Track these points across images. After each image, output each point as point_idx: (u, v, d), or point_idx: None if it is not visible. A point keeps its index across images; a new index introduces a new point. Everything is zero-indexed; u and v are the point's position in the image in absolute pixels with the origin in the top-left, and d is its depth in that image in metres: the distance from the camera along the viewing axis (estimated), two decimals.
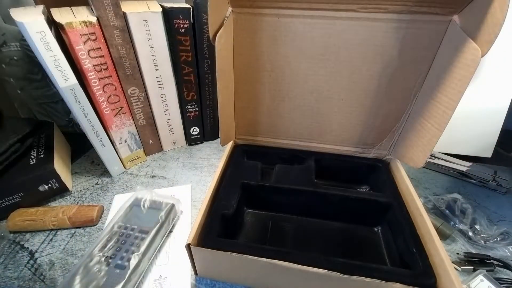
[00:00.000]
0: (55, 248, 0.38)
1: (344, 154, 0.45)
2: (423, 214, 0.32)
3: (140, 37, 0.44)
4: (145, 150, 0.55)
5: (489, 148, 0.55)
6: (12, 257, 0.36)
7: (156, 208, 0.39)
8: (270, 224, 0.40)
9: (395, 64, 0.36)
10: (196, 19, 0.46)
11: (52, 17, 0.37)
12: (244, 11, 0.36)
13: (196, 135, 0.59)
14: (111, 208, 0.44)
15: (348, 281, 0.27)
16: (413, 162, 0.38)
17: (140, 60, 0.46)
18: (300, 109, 0.42)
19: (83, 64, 0.40)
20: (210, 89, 0.55)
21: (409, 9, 0.32)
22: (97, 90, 0.43)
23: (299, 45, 0.37)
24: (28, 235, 0.39)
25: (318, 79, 0.39)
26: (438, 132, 0.33)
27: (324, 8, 0.33)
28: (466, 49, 0.28)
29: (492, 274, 0.35)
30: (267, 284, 0.32)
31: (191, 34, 0.47)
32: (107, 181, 0.49)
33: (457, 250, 0.38)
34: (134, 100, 0.49)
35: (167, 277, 0.34)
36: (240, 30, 0.37)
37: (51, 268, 0.36)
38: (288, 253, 0.29)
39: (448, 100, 0.31)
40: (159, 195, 0.41)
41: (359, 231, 0.39)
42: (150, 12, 0.43)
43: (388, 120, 0.40)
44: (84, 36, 0.39)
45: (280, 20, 0.35)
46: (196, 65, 0.51)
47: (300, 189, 0.38)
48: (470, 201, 0.45)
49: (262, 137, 0.47)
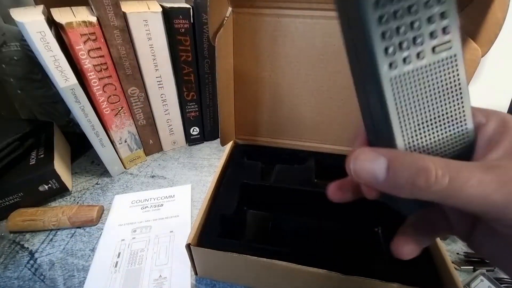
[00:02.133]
0: (55, 248, 0.38)
1: (345, 154, 0.44)
2: None
3: (140, 37, 0.44)
4: (145, 150, 0.55)
5: None
6: (12, 257, 0.36)
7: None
8: (270, 224, 0.39)
9: None
10: (196, 19, 0.46)
11: (52, 17, 0.37)
12: (244, 11, 0.36)
13: (196, 135, 0.59)
14: (111, 208, 0.44)
15: (348, 281, 0.27)
16: None
17: (140, 60, 0.46)
18: (300, 109, 0.42)
19: (83, 64, 0.40)
20: (210, 89, 0.55)
21: None
22: (97, 90, 0.43)
23: (299, 45, 0.37)
24: (28, 235, 0.39)
25: (318, 79, 0.39)
26: None
27: (324, 8, 0.33)
28: (466, 49, 0.28)
29: (492, 274, 0.35)
30: (267, 284, 0.32)
31: (191, 34, 0.47)
32: (107, 181, 0.49)
33: (457, 250, 0.38)
34: (134, 100, 0.49)
35: (167, 277, 0.34)
36: (240, 30, 0.37)
37: (51, 268, 0.36)
38: (288, 253, 0.29)
39: None
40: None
41: (359, 231, 0.39)
42: (150, 12, 0.43)
43: None
44: (84, 36, 0.39)
45: (280, 20, 0.35)
46: (196, 65, 0.51)
47: (300, 189, 0.38)
48: None
49: (262, 137, 0.47)
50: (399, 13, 0.14)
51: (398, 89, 0.14)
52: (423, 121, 0.15)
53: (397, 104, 0.15)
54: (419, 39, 0.14)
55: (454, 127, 0.16)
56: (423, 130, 0.16)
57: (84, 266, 0.36)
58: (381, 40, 0.14)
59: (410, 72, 0.14)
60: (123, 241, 0.39)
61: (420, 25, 0.14)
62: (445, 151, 0.16)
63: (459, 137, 0.16)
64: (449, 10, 0.14)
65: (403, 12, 0.14)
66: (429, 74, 0.15)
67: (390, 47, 0.14)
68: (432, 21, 0.14)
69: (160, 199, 0.45)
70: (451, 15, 0.14)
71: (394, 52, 0.14)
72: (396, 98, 0.15)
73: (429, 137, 0.16)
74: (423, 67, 0.15)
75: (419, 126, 0.15)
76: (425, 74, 0.15)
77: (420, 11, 0.14)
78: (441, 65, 0.15)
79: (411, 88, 0.15)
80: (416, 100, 0.15)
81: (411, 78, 0.15)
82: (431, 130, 0.16)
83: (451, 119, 0.16)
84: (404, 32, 0.14)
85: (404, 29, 0.14)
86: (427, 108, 0.15)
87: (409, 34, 0.14)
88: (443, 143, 0.16)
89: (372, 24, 0.14)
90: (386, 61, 0.14)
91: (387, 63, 0.14)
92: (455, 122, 0.16)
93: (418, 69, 0.15)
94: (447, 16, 0.14)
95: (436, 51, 0.15)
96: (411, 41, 0.14)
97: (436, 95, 0.15)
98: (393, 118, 0.15)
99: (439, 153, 0.16)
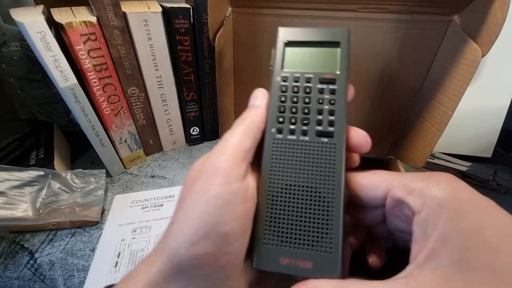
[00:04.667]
0: (55, 248, 0.38)
1: None
2: None
3: (140, 37, 0.44)
4: (145, 150, 0.55)
5: (489, 148, 0.55)
6: (12, 257, 0.36)
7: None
8: None
9: (395, 64, 0.36)
10: (196, 19, 0.46)
11: (52, 17, 0.37)
12: (244, 11, 0.36)
13: (196, 135, 0.59)
14: (111, 208, 0.44)
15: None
16: (413, 162, 0.38)
17: (140, 60, 0.46)
18: None
19: (83, 64, 0.40)
20: (210, 89, 0.55)
21: (409, 9, 0.31)
22: (97, 90, 0.43)
23: None
24: (28, 235, 0.39)
25: None
26: (438, 132, 0.33)
27: (324, 8, 0.33)
28: (467, 49, 0.28)
29: None
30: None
31: (191, 34, 0.47)
32: (107, 181, 0.49)
33: None
34: (134, 100, 0.49)
35: None
36: (240, 30, 0.37)
37: (51, 268, 0.36)
38: None
39: (448, 100, 0.31)
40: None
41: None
42: (150, 12, 0.43)
43: (388, 120, 0.40)
44: (84, 36, 0.39)
45: (280, 20, 0.35)
46: (196, 65, 0.51)
47: None
48: None
49: None
50: (296, 99, 0.20)
51: (278, 149, 0.19)
52: (292, 184, 0.18)
53: (273, 158, 0.19)
54: (306, 121, 0.19)
55: (319, 204, 0.18)
56: (288, 195, 0.18)
57: (84, 266, 0.36)
58: (278, 111, 0.20)
59: (292, 141, 0.19)
60: (123, 241, 0.39)
61: (309, 112, 0.20)
62: (304, 235, 0.18)
63: (322, 221, 0.18)
64: (337, 111, 0.19)
65: (299, 99, 0.20)
66: (309, 149, 0.19)
67: (281, 118, 0.20)
68: (321, 113, 0.20)
69: (160, 199, 0.45)
70: (338, 115, 0.19)
71: (283, 122, 0.20)
72: (274, 154, 0.19)
73: (292, 209, 0.18)
74: (305, 141, 0.19)
75: (286, 187, 0.18)
76: (305, 147, 0.19)
77: (312, 104, 0.20)
78: (320, 147, 0.19)
79: (289, 152, 0.19)
80: (291, 163, 0.19)
81: (292, 145, 0.19)
82: (295, 201, 0.18)
83: (318, 195, 0.18)
84: (295, 112, 0.20)
85: (296, 111, 0.20)
86: (299, 174, 0.19)
87: (299, 115, 0.20)
88: (304, 220, 0.18)
89: (275, 99, 0.20)
90: (276, 126, 0.19)
91: (276, 127, 0.19)
92: (322, 199, 0.18)
93: (300, 141, 0.19)
94: (334, 114, 0.19)
95: (318, 135, 0.19)
96: (300, 120, 0.20)
97: (309, 166, 0.19)
98: (266, 164, 0.19)
99: (298, 235, 0.18)
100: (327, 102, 0.20)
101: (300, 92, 0.20)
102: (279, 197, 0.18)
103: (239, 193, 0.16)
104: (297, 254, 0.17)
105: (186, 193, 0.17)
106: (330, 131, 0.19)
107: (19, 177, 0.39)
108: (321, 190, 0.18)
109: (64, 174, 0.42)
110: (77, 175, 0.43)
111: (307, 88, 0.20)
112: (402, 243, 0.20)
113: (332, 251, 0.17)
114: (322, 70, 0.20)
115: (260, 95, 0.21)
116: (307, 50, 0.21)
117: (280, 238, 0.17)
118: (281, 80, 0.21)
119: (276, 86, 0.20)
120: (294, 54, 0.21)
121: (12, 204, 0.37)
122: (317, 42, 0.21)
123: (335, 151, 0.19)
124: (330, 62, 0.21)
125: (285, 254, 0.17)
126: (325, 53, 0.21)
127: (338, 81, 0.20)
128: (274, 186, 0.18)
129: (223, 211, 0.15)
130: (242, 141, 0.18)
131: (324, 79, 0.20)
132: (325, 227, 0.17)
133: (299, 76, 0.20)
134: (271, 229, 0.18)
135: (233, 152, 0.17)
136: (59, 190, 0.41)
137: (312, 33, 0.21)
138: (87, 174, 0.44)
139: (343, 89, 0.20)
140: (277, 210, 0.18)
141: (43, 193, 0.40)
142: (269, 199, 0.18)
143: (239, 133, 0.18)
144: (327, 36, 0.21)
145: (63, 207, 0.40)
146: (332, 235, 0.17)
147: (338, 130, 0.19)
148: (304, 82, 0.20)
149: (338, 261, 0.17)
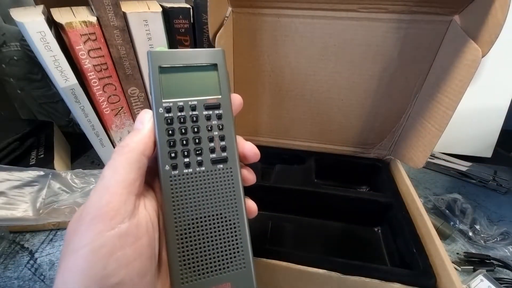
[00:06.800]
0: (55, 248, 0.38)
1: (344, 154, 0.45)
2: (423, 214, 0.32)
3: (140, 37, 0.44)
4: None
5: (489, 148, 0.55)
6: (12, 257, 0.36)
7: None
8: (270, 224, 0.40)
9: (395, 64, 0.36)
10: (196, 19, 0.46)
11: (52, 17, 0.37)
12: (244, 11, 0.36)
13: None
14: None
15: (348, 281, 0.27)
16: (413, 162, 0.38)
17: (140, 60, 0.46)
18: (300, 109, 0.42)
19: (83, 64, 0.40)
20: None
21: (409, 9, 0.31)
22: (97, 90, 0.43)
23: (299, 45, 0.37)
24: (28, 235, 0.39)
25: (318, 79, 0.39)
26: (438, 132, 0.33)
27: (324, 8, 0.33)
28: (467, 50, 0.28)
29: (492, 274, 0.35)
30: (266, 284, 0.32)
31: (191, 34, 0.47)
32: None
33: (457, 250, 0.39)
34: (134, 100, 0.49)
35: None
36: (240, 30, 0.37)
37: (51, 268, 0.36)
38: (288, 253, 0.29)
39: (449, 100, 0.31)
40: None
41: (359, 231, 0.39)
42: (150, 12, 0.43)
43: (388, 120, 0.40)
44: (84, 36, 0.39)
45: (280, 20, 0.35)
46: None
47: (300, 189, 0.38)
48: (470, 201, 0.45)
49: (262, 137, 0.47)
50: (184, 130, 0.19)
51: (177, 185, 0.19)
52: (197, 217, 0.19)
53: (173, 196, 0.18)
54: (199, 151, 0.19)
55: (228, 235, 0.19)
56: (196, 228, 0.19)
57: None
58: (168, 146, 0.19)
59: (189, 174, 0.19)
60: None
61: (201, 142, 0.20)
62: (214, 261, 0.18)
63: (232, 242, 0.19)
64: (227, 136, 0.20)
65: (187, 130, 0.19)
66: (207, 178, 0.19)
67: (173, 153, 0.19)
68: (212, 141, 0.20)
69: None
70: (228, 139, 0.20)
71: (176, 157, 0.19)
72: (173, 192, 0.19)
73: (203, 241, 0.18)
74: (202, 172, 0.19)
75: (192, 222, 0.19)
76: (203, 177, 0.19)
77: (202, 132, 0.20)
78: (218, 174, 0.20)
79: (188, 186, 0.19)
80: (192, 197, 0.19)
81: (190, 179, 0.19)
82: (204, 232, 0.19)
83: (224, 219, 0.19)
84: (186, 144, 0.19)
85: (186, 142, 0.19)
86: (202, 204, 0.19)
87: (191, 146, 0.19)
88: (214, 249, 0.19)
89: (161, 133, 0.19)
90: (169, 162, 0.19)
91: (170, 164, 0.19)
92: (228, 222, 0.19)
93: (197, 172, 0.19)
94: (225, 139, 0.20)
95: (214, 163, 0.20)
96: (193, 152, 0.19)
97: (211, 195, 0.19)
98: (168, 204, 0.18)
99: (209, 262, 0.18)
100: (216, 128, 0.20)
101: (188, 121, 0.19)
102: (187, 233, 0.18)
103: (129, 233, 0.15)
104: (216, 280, 0.18)
105: (64, 250, 0.14)
106: (224, 157, 0.20)
107: (19, 177, 0.39)
108: (226, 214, 0.19)
109: (64, 174, 0.42)
110: (77, 175, 0.43)
111: (193, 116, 0.20)
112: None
113: (246, 265, 0.19)
114: (205, 96, 0.20)
115: (145, 118, 0.19)
116: (185, 75, 0.20)
117: (197, 273, 0.18)
118: (165, 112, 0.19)
119: (161, 119, 0.19)
120: (171, 81, 0.20)
121: (12, 204, 0.37)
122: (193, 66, 0.20)
123: (232, 174, 0.20)
124: (211, 86, 0.20)
125: (205, 286, 0.18)
126: (205, 78, 0.21)
127: (222, 105, 0.20)
128: (180, 224, 0.18)
129: (112, 261, 0.14)
130: (125, 176, 0.16)
131: (209, 105, 0.20)
132: (235, 246, 0.19)
133: (183, 105, 0.19)
134: (186, 268, 0.18)
135: (116, 191, 0.15)
136: (59, 190, 0.41)
137: (187, 56, 0.20)
138: (87, 174, 0.44)
139: (228, 111, 0.20)
140: (188, 247, 0.18)
141: (43, 193, 0.40)
142: (178, 239, 0.18)
143: (120, 167, 0.16)
144: (203, 58, 0.20)
145: (63, 207, 0.40)
146: (243, 250, 0.19)
147: (231, 155, 0.20)
148: (190, 111, 0.20)
149: (252, 274, 0.19)
